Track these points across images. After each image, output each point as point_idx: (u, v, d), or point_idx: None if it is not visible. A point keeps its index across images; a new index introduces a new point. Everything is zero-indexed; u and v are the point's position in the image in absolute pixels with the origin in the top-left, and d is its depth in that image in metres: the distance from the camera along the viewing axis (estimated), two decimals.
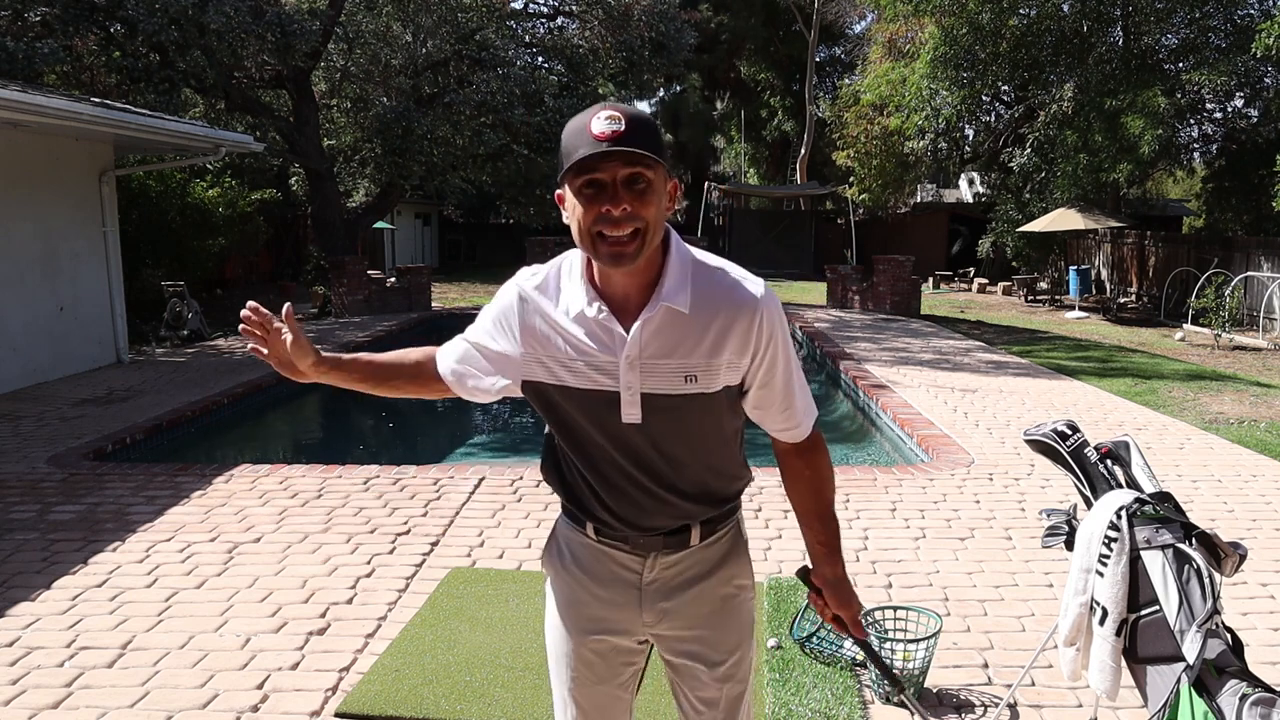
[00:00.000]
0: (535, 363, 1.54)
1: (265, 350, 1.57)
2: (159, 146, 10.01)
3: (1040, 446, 2.46)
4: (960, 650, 3.23)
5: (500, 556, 4.11)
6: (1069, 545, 2.33)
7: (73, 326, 8.78)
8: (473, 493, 4.98)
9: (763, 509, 4.68)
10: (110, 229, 9.32)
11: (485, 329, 1.60)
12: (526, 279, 1.57)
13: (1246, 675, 1.87)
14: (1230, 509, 4.81)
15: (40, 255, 8.35)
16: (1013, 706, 2.85)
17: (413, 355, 1.69)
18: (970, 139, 22.69)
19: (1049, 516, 2.47)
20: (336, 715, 2.82)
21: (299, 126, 15.18)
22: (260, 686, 2.98)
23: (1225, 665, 1.89)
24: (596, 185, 1.38)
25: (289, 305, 1.59)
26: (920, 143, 20.33)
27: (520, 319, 1.54)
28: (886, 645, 2.84)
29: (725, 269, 1.51)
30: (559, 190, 1.47)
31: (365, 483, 5.15)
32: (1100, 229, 17.82)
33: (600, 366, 1.48)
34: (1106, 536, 2.10)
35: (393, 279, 15.50)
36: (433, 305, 15.39)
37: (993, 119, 22.29)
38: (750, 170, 36.96)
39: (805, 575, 1.74)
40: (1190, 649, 1.88)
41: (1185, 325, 13.69)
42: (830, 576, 1.68)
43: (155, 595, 3.67)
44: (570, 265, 1.54)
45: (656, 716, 2.74)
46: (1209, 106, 17.73)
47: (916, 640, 2.83)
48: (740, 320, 1.47)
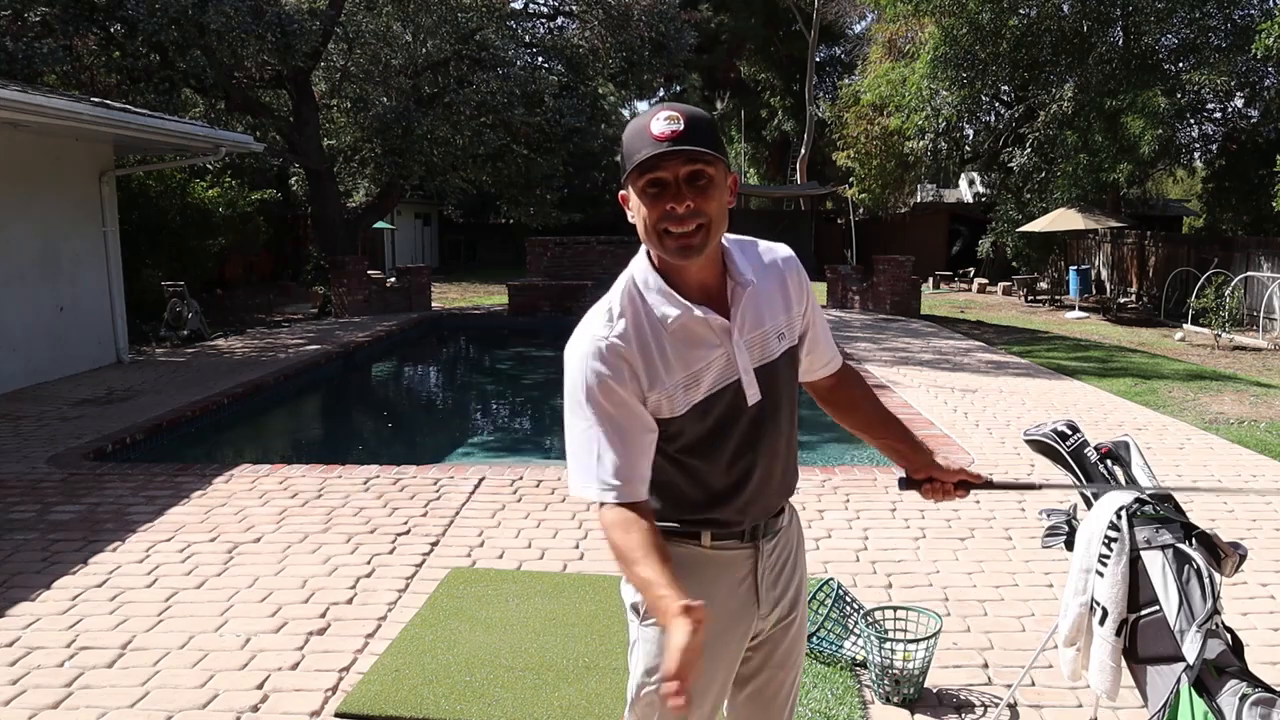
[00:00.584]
0: (663, 400, 1.51)
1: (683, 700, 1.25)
2: (159, 146, 10.00)
3: (1040, 446, 2.46)
4: (960, 650, 3.23)
5: (500, 556, 4.11)
6: (1069, 545, 2.33)
7: (73, 326, 8.77)
8: (473, 493, 4.99)
9: None
10: (110, 229, 9.31)
11: (601, 405, 1.48)
12: (602, 328, 1.50)
13: (1246, 675, 1.87)
14: (1230, 509, 4.81)
15: (40, 255, 8.35)
16: (1013, 706, 2.85)
17: (641, 526, 1.45)
18: (970, 139, 22.67)
19: (1049, 516, 2.47)
20: (336, 715, 2.82)
21: (299, 126, 15.17)
22: (260, 686, 2.98)
23: (1225, 665, 1.89)
24: (659, 184, 1.44)
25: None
26: (920, 143, 20.33)
27: (631, 364, 1.49)
28: (886, 645, 2.84)
29: (753, 240, 1.69)
30: (622, 192, 1.52)
31: (365, 483, 5.15)
32: (1100, 229, 17.81)
33: (714, 363, 1.53)
34: (1106, 536, 2.10)
35: (393, 279, 15.52)
36: (432, 305, 15.42)
37: (993, 119, 22.30)
38: (750, 170, 37.00)
39: (907, 481, 1.90)
40: (1190, 649, 1.88)
41: (1185, 325, 13.68)
42: (929, 460, 1.89)
43: (155, 595, 3.67)
44: (631, 293, 1.53)
45: None
46: (1209, 106, 17.75)
47: (916, 640, 2.83)
48: (789, 276, 1.65)
